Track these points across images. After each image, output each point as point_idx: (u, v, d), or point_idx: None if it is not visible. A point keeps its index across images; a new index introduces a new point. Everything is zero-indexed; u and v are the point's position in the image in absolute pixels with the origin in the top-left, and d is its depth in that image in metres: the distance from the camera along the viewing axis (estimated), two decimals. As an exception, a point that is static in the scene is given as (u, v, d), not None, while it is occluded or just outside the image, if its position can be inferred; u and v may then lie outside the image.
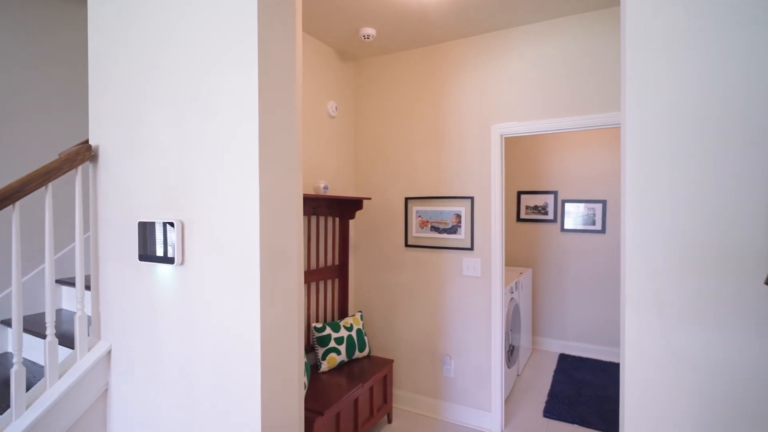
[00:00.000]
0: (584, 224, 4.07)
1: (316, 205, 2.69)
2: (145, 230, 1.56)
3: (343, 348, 2.65)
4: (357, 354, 2.74)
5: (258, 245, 1.33)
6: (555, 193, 4.20)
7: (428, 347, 2.92)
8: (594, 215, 4.03)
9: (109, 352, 1.72)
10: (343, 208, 2.96)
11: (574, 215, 4.11)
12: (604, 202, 3.98)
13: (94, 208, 1.77)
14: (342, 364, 2.68)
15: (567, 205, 4.15)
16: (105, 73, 1.73)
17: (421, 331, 2.95)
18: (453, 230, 2.81)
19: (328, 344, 2.60)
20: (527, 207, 4.34)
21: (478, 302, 2.73)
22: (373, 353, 3.18)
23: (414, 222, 2.95)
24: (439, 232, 2.86)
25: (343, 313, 2.99)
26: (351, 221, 3.17)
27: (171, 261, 1.49)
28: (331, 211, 2.86)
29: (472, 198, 2.74)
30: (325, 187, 2.53)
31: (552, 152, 4.21)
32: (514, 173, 4.42)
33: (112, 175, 1.71)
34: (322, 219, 2.82)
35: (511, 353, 3.16)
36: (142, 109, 1.60)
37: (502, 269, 2.69)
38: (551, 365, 3.86)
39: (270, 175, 1.39)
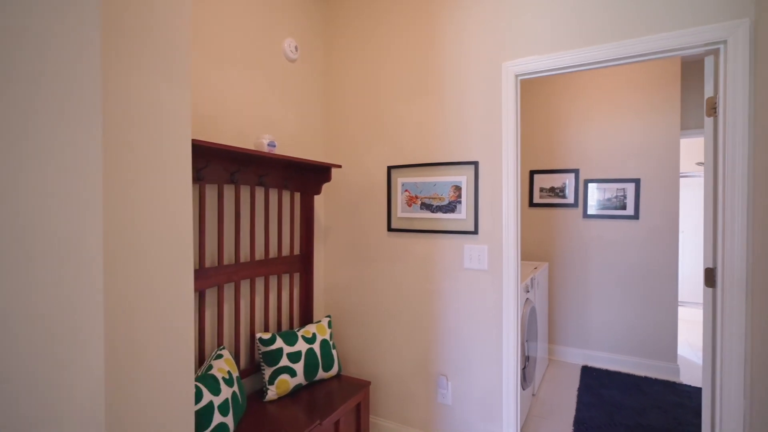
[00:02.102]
0: (612, 208, 3.34)
1: (263, 173, 1.98)
2: None
3: (299, 367, 1.94)
4: (321, 374, 2.03)
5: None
6: (575, 171, 3.48)
7: (418, 364, 2.21)
8: (624, 197, 3.30)
9: None
10: (305, 179, 2.25)
11: (599, 198, 3.39)
12: (636, 182, 3.26)
13: None
14: (298, 390, 1.97)
15: (590, 185, 3.42)
16: None
17: (409, 343, 2.23)
18: (451, 208, 2.09)
19: (278, 362, 1.89)
20: (542, 189, 3.62)
21: (485, 304, 2.02)
22: (345, 372, 2.46)
23: (399, 198, 2.24)
24: (433, 211, 2.14)
25: (307, 318, 2.28)
26: (316, 197, 2.45)
27: None
28: (288, 183, 2.14)
29: (475, 164, 2.02)
30: (271, 144, 1.81)
31: (571, 121, 3.49)
32: (525, 149, 3.70)
33: None
34: (274, 193, 2.11)
35: (526, 368, 2.44)
36: None
37: (517, 259, 1.97)
38: (573, 381, 3.14)
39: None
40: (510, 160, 1.95)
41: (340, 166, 2.16)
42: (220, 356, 1.66)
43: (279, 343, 1.92)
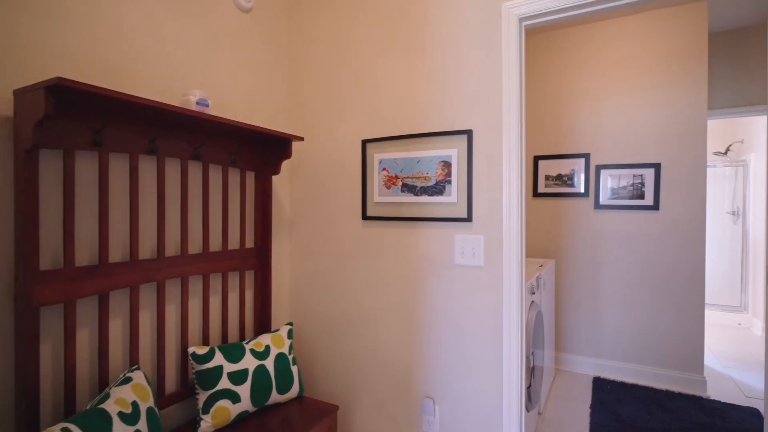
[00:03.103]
0: (628, 198, 2.93)
1: (199, 143, 1.56)
2: None
3: (244, 390, 1.52)
4: (275, 397, 1.62)
5: None
6: (586, 156, 3.06)
7: (399, 383, 1.79)
8: (642, 185, 2.89)
9: None
10: (260, 155, 1.83)
11: (612, 186, 2.98)
12: (656, 167, 2.84)
13: None
14: (243, 419, 1.55)
15: (603, 172, 3.01)
16: None
17: (389, 357, 1.82)
18: (438, 189, 1.68)
19: (215, 384, 1.47)
20: (548, 177, 3.20)
21: (481, 309, 1.60)
22: (309, 394, 2.05)
23: (376, 179, 1.83)
24: (416, 194, 1.73)
25: (264, 326, 1.87)
26: (279, 179, 2.03)
27: None
28: (237, 159, 1.73)
29: (469, 133, 1.61)
30: (202, 102, 1.40)
31: (580, 99, 3.07)
32: (528, 132, 3.28)
33: None
34: (216, 170, 1.69)
35: (531, 386, 2.03)
36: None
37: (521, 253, 1.56)
38: (584, 396, 2.72)
39: None
40: (513, 128, 1.53)
41: (301, 139, 1.75)
42: (127, 380, 1.24)
43: (218, 359, 1.50)
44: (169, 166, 1.49)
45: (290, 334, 1.78)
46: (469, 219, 1.61)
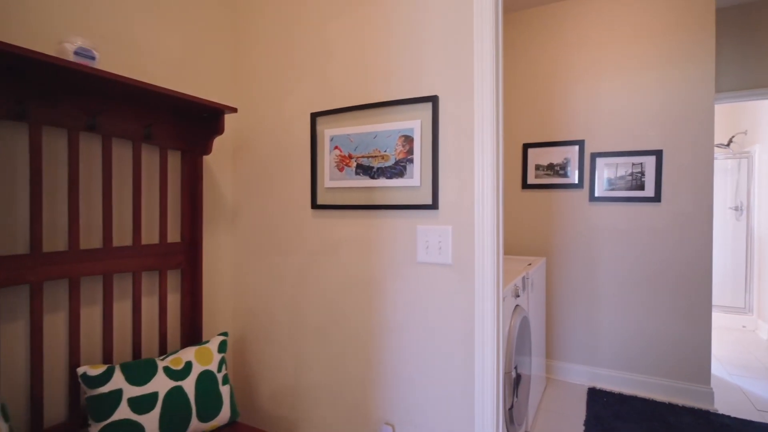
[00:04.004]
0: (626, 189, 2.64)
1: (96, 109, 1.24)
2: None
3: (151, 419, 1.21)
4: (196, 426, 1.31)
5: None
6: (580, 143, 2.77)
7: (354, 407, 1.49)
8: (642, 175, 2.60)
9: None
10: (186, 130, 1.52)
11: (609, 176, 2.69)
12: (657, 154, 2.55)
13: None
14: (149, 456, 1.24)
15: (599, 160, 2.72)
16: None
17: (343, 374, 1.52)
18: (398, 171, 1.38)
19: (111, 414, 1.16)
20: (538, 167, 2.91)
21: (450, 316, 1.30)
22: (248, 417, 1.74)
23: (327, 160, 1.52)
24: (373, 176, 1.43)
25: (192, 337, 1.56)
26: (212, 161, 1.72)
27: None
28: (153, 133, 1.41)
29: (434, 100, 1.30)
30: (84, 53, 1.08)
31: (575, 79, 2.78)
32: (517, 117, 2.98)
33: None
34: (124, 146, 1.37)
35: (513, 407, 1.73)
36: None
37: (498, 248, 1.26)
38: (578, 410, 2.43)
39: None
40: (487, 93, 1.23)
41: (234, 110, 1.44)
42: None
43: (117, 381, 1.19)
44: (52, 138, 1.18)
45: (222, 347, 1.47)
46: (434, 206, 1.31)
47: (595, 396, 2.57)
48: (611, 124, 2.68)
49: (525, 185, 2.94)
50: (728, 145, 4.40)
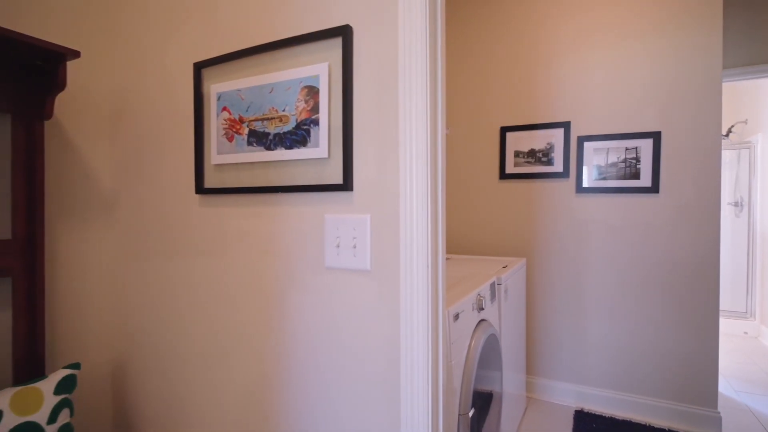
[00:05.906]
0: (619, 178, 2.26)
1: None
2: None
3: None
4: (-3, 508, 0.90)
5: None
6: (565, 125, 2.39)
7: (250, 462, 1.08)
8: (637, 161, 2.22)
9: None
10: (18, 87, 1.09)
11: (599, 163, 2.30)
12: (655, 136, 2.18)
13: None
14: None
15: (587, 145, 2.34)
16: None
17: (237, 417, 1.11)
18: (300, 137, 0.97)
19: None
20: (518, 153, 2.52)
21: (371, 343, 0.90)
22: None
23: (215, 127, 1.11)
24: (269, 147, 1.02)
25: (30, 370, 1.13)
26: (78, 132, 1.29)
27: None
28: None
29: (345, 33, 0.90)
30: None
31: (560, 52, 2.39)
32: (493, 96, 2.59)
33: None
34: None
35: (486, 412, 1.33)
36: None
37: (436, 248, 0.86)
38: (562, 440, 2.04)
39: None
40: (417, 18, 0.83)
41: (78, 54, 1.03)
42: None
43: None
44: None
45: (68, 386, 1.05)
46: (346, 186, 0.90)
47: (583, 420, 2.19)
48: (601, 102, 2.30)
49: (503, 175, 2.55)
50: (727, 135, 4.06)
